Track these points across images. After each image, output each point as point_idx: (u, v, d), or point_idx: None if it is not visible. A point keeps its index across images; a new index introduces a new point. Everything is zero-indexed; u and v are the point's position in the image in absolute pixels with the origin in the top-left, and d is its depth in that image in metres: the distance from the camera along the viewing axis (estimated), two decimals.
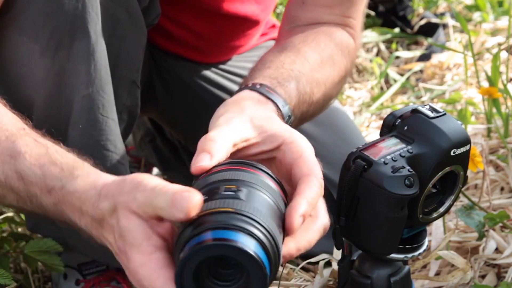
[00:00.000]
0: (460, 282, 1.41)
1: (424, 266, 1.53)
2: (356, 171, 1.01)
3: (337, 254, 1.41)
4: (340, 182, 1.04)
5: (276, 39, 1.45)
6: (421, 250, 1.09)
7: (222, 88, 1.69)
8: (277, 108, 1.16)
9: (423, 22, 2.94)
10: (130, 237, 0.90)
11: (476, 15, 2.97)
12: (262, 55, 1.32)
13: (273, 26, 1.82)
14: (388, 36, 2.97)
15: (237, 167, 0.95)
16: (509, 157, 1.80)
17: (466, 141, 1.04)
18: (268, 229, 0.86)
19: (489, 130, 2.00)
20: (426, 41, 2.88)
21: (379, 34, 2.94)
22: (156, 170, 2.06)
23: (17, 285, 1.52)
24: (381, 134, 1.08)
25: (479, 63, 2.44)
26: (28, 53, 1.23)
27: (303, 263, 1.50)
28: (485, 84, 2.17)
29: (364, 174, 1.01)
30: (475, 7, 3.04)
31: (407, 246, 1.08)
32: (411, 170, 1.00)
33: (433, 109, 1.06)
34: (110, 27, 1.26)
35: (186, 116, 1.72)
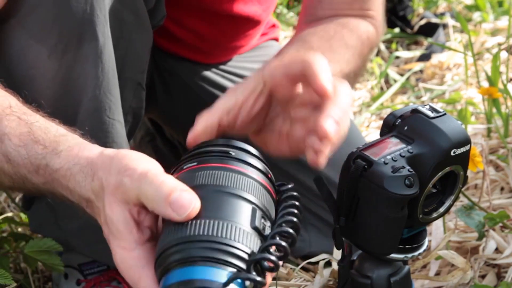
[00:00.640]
0: (460, 282, 1.41)
1: (424, 266, 1.53)
2: (356, 171, 1.01)
3: (337, 254, 1.41)
4: (340, 182, 1.04)
5: (294, 36, 1.45)
6: (421, 250, 1.09)
7: (223, 89, 1.69)
8: None
9: (423, 22, 2.94)
10: (113, 228, 0.89)
11: (476, 15, 2.97)
12: (281, 48, 1.32)
13: (273, 26, 1.83)
14: (388, 36, 2.97)
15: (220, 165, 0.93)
16: (509, 157, 1.80)
17: (466, 141, 1.04)
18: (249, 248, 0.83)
19: (489, 130, 2.00)
20: (426, 41, 2.88)
21: None
22: None
23: (17, 285, 1.52)
24: (381, 134, 1.08)
25: (479, 63, 2.44)
26: (36, 56, 1.22)
27: (303, 263, 1.50)
28: (485, 84, 2.17)
29: (364, 174, 1.01)
30: (475, 7, 3.04)
31: (407, 246, 1.08)
32: (411, 170, 1.00)
33: (433, 109, 1.05)
34: (117, 29, 1.26)
35: (187, 117, 1.71)
